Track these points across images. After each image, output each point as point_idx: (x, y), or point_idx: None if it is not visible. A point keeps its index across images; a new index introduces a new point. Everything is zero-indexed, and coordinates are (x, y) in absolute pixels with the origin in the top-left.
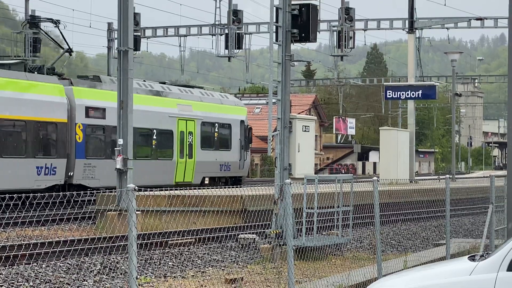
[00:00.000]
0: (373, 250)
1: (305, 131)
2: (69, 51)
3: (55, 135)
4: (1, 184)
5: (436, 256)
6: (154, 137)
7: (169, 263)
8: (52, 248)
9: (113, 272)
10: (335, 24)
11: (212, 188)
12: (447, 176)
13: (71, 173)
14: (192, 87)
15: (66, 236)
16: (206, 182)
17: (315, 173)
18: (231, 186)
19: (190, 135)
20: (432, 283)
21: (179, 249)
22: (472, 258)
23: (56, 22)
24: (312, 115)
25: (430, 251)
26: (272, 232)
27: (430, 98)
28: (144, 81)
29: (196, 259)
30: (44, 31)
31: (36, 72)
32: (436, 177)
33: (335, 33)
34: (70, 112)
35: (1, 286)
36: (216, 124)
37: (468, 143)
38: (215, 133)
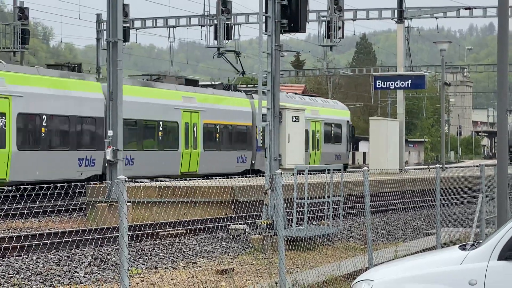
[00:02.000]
0: (363, 240)
1: (295, 121)
2: (243, 73)
3: (246, 135)
4: (215, 168)
5: (426, 245)
6: None
7: (160, 255)
8: (43, 240)
9: (104, 264)
10: (324, 14)
11: (203, 179)
12: (437, 165)
13: (254, 161)
14: (314, 96)
15: (57, 228)
16: None
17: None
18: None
19: (317, 132)
20: (423, 272)
21: (170, 240)
22: (462, 248)
23: (237, 53)
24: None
25: (421, 240)
26: (262, 223)
27: (419, 87)
28: (295, 93)
29: (187, 250)
30: (227, 59)
31: (229, 90)
32: (426, 166)
33: (324, 23)
34: (253, 118)
35: None
36: (333, 124)
37: (457, 132)
38: (332, 131)
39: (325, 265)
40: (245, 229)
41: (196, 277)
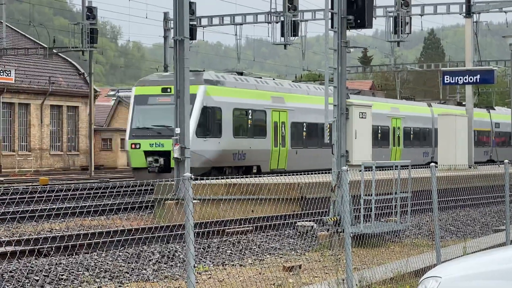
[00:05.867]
0: (432, 236)
1: (362, 117)
2: (479, 94)
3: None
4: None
5: (495, 242)
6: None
7: (227, 251)
8: (111, 238)
9: (171, 261)
10: (391, 10)
11: (269, 176)
12: (506, 161)
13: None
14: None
15: (125, 225)
16: None
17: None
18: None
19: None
20: (491, 269)
21: (237, 237)
22: None
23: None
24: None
25: (490, 237)
26: (330, 219)
27: (488, 82)
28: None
29: (254, 247)
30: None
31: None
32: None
33: (391, 18)
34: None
35: (62, 275)
36: None
37: None
38: None
39: (392, 262)
40: (313, 226)
41: (263, 274)
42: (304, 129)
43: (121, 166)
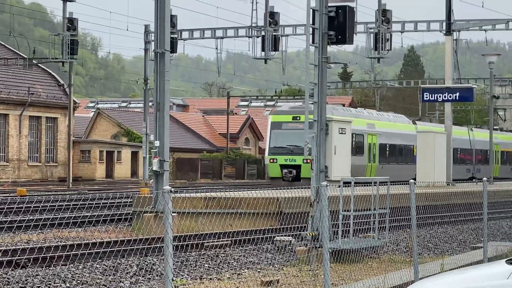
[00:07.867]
0: (409, 253)
1: (342, 133)
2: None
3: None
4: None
5: (473, 259)
6: None
7: (205, 265)
8: (89, 250)
9: (149, 274)
10: (372, 26)
11: (248, 191)
12: (484, 178)
13: None
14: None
15: (103, 237)
16: None
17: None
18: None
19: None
20: (469, 286)
21: (215, 251)
22: (509, 262)
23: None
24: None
25: (467, 254)
26: (308, 235)
27: (467, 100)
28: None
29: (232, 261)
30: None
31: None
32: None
33: (372, 35)
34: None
35: (39, 286)
36: None
37: None
38: None
39: (370, 278)
40: (291, 240)
41: None
42: (388, 149)
43: (99, 178)
